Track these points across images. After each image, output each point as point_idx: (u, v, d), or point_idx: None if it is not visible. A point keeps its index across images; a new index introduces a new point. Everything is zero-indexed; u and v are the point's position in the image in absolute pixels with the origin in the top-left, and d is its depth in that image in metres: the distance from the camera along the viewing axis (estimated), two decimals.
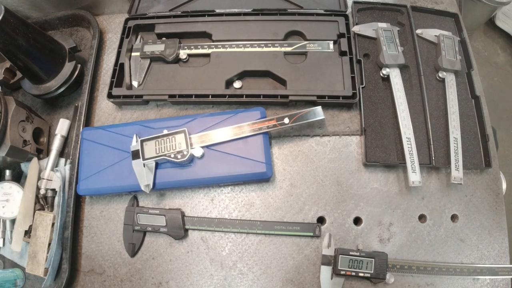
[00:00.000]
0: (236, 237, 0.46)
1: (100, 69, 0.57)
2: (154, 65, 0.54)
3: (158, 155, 0.44)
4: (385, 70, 0.50)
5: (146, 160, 0.44)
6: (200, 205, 0.47)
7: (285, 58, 0.52)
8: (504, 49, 1.81)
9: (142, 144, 0.45)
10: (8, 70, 0.54)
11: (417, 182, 0.44)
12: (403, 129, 0.46)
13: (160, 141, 0.44)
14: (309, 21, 0.54)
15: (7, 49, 0.45)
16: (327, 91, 0.48)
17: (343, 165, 0.48)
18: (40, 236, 0.46)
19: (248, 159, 0.44)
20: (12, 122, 0.46)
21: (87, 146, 0.48)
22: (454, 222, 0.46)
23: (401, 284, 0.43)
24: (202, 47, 0.53)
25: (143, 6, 0.58)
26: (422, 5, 0.58)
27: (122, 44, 0.54)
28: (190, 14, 0.56)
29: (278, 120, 0.45)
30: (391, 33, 0.52)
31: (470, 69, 0.52)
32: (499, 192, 0.47)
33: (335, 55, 0.51)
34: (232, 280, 0.44)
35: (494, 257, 0.45)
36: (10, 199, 0.48)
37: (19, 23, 0.44)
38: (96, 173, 0.46)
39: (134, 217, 0.46)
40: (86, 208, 0.49)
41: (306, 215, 0.46)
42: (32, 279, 0.48)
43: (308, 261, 0.44)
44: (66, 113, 0.55)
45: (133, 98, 0.51)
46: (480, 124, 0.49)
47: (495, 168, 0.48)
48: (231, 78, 0.51)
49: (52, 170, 0.49)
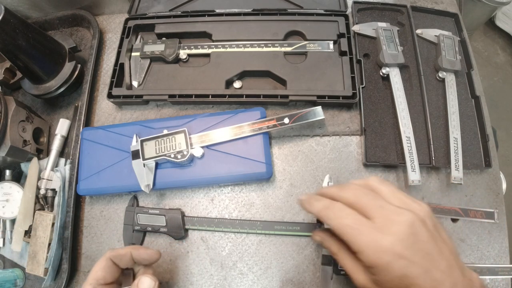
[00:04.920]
0: (236, 237, 0.46)
1: (100, 69, 0.57)
2: (154, 65, 0.54)
3: (158, 155, 0.44)
4: (384, 70, 0.50)
5: (146, 160, 0.44)
6: (200, 205, 0.47)
7: (285, 58, 0.52)
8: (504, 49, 1.81)
9: (142, 144, 0.45)
10: (8, 70, 0.54)
11: (416, 181, 0.44)
12: (403, 128, 0.46)
13: (160, 141, 0.44)
14: (309, 21, 0.54)
15: (7, 49, 0.45)
16: (327, 91, 0.48)
17: (343, 165, 0.48)
18: (40, 236, 0.46)
19: (248, 159, 0.44)
20: (12, 122, 0.46)
21: (87, 146, 0.48)
22: (454, 222, 0.46)
23: None
24: (202, 47, 0.53)
25: (143, 6, 0.58)
26: (422, 5, 0.58)
27: (122, 44, 0.54)
28: (190, 14, 0.56)
29: (278, 120, 0.45)
30: (391, 33, 0.52)
31: (470, 69, 0.52)
32: (499, 192, 0.47)
33: (335, 55, 0.52)
34: (232, 280, 0.44)
35: (494, 257, 0.45)
36: (10, 199, 0.48)
37: (19, 23, 0.44)
38: (96, 173, 0.46)
39: (134, 217, 0.46)
40: (86, 208, 0.49)
41: (306, 215, 0.46)
42: (32, 279, 0.48)
43: (308, 261, 0.44)
44: (66, 113, 0.55)
45: (133, 98, 0.51)
46: (480, 124, 0.49)
47: (495, 168, 0.48)
48: (231, 78, 0.51)
49: (52, 170, 0.49)
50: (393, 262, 0.27)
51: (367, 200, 0.30)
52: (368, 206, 0.30)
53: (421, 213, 0.29)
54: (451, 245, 0.30)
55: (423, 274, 0.27)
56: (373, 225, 0.29)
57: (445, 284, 0.28)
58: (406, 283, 0.28)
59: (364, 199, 0.30)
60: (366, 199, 0.30)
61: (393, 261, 0.27)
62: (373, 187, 0.32)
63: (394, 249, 0.27)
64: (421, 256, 0.28)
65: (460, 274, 0.29)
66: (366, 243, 0.28)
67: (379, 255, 0.28)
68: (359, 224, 0.29)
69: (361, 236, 0.29)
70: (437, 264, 0.28)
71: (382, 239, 0.28)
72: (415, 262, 0.27)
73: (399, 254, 0.27)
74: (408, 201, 0.31)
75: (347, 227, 0.29)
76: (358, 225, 0.29)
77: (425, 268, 0.27)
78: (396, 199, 0.31)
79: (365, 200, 0.30)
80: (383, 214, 0.29)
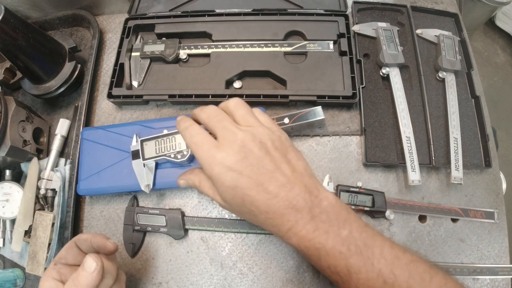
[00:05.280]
0: (236, 237, 0.46)
1: (100, 69, 0.57)
2: (154, 65, 0.54)
3: (158, 155, 0.44)
4: (384, 69, 0.50)
5: (146, 160, 0.44)
6: (200, 205, 0.47)
7: (285, 58, 0.52)
8: (504, 49, 1.81)
9: (142, 144, 0.45)
10: (8, 70, 0.54)
11: (416, 181, 0.44)
12: (403, 128, 0.46)
13: (160, 141, 0.44)
14: (309, 21, 0.54)
15: (7, 49, 0.45)
16: (327, 91, 0.48)
17: (343, 165, 0.48)
18: (40, 236, 0.46)
19: None
20: (12, 122, 0.46)
21: (87, 146, 0.48)
22: (454, 222, 0.46)
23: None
24: (202, 47, 0.53)
25: (143, 6, 0.58)
26: (422, 5, 0.58)
27: (122, 44, 0.54)
28: (190, 14, 0.56)
29: (278, 120, 0.45)
30: (391, 33, 0.52)
31: (470, 69, 0.52)
32: (499, 192, 0.47)
33: (335, 55, 0.52)
34: (232, 280, 0.44)
35: (494, 257, 0.45)
36: (10, 199, 0.48)
37: (19, 23, 0.44)
38: (96, 173, 0.46)
39: (134, 217, 0.46)
40: (86, 208, 0.49)
41: None
42: (32, 279, 0.48)
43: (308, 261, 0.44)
44: (66, 113, 0.55)
45: (133, 98, 0.51)
46: (480, 124, 0.49)
47: (495, 168, 0.48)
48: (231, 78, 0.51)
49: (52, 170, 0.49)
50: (224, 173, 0.31)
51: (216, 121, 0.34)
52: (215, 127, 0.33)
53: (259, 135, 0.32)
54: (300, 166, 0.33)
55: (255, 186, 0.31)
56: (214, 142, 0.33)
57: (280, 196, 0.31)
58: (240, 195, 0.31)
59: (213, 120, 0.34)
60: (215, 120, 0.34)
61: (224, 173, 0.31)
62: (229, 109, 0.35)
63: (224, 162, 0.31)
64: (251, 170, 0.31)
65: (304, 191, 0.31)
66: (205, 158, 0.32)
67: (212, 167, 0.32)
68: (204, 142, 0.33)
69: (202, 152, 0.32)
70: (271, 179, 0.31)
71: (216, 153, 0.32)
72: (244, 174, 0.31)
73: (228, 166, 0.31)
74: (253, 124, 0.34)
75: (194, 144, 0.33)
76: (203, 142, 0.33)
77: (257, 181, 0.31)
78: (243, 121, 0.34)
79: (214, 121, 0.34)
80: (224, 134, 0.33)
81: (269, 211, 0.31)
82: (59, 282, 0.32)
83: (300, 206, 0.31)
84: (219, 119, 0.34)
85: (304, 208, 0.31)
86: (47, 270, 0.34)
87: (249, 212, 0.32)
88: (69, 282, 0.31)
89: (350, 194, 0.45)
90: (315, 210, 0.31)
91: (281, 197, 0.31)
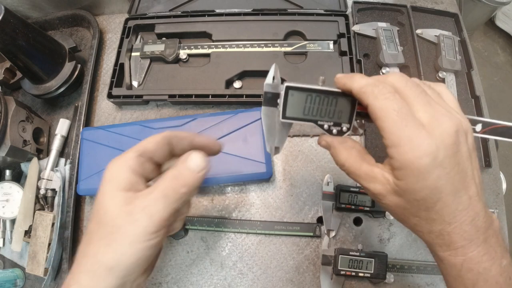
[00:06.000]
0: (236, 237, 0.46)
1: (100, 69, 0.57)
2: (154, 65, 0.54)
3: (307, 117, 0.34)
4: (384, 70, 0.50)
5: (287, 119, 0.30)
6: (200, 205, 0.47)
7: (285, 58, 0.52)
8: (504, 49, 1.81)
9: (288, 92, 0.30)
10: (8, 70, 0.54)
11: None
12: None
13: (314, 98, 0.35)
14: (309, 21, 0.54)
15: (7, 49, 0.45)
16: None
17: None
18: (40, 236, 0.46)
19: (248, 159, 0.44)
20: (12, 122, 0.46)
21: (87, 146, 0.48)
22: None
23: (401, 284, 0.43)
24: (202, 47, 0.53)
25: (143, 6, 0.58)
26: (422, 5, 0.58)
27: (122, 44, 0.54)
28: (190, 14, 0.56)
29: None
30: (391, 33, 0.52)
31: (470, 69, 0.52)
32: (499, 192, 0.47)
33: (335, 55, 0.52)
34: (232, 280, 0.44)
35: None
36: (10, 199, 0.48)
37: (19, 23, 0.44)
38: (96, 173, 0.46)
39: None
40: (86, 208, 0.49)
41: (306, 215, 0.46)
42: (32, 279, 0.48)
43: (308, 261, 0.44)
44: (66, 113, 0.55)
45: (133, 98, 0.51)
46: None
47: (495, 168, 0.48)
48: (231, 78, 0.51)
49: (52, 170, 0.49)
50: (431, 168, 0.23)
51: (414, 91, 0.25)
52: (416, 98, 0.25)
53: (465, 126, 0.25)
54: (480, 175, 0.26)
55: (454, 192, 0.24)
56: (419, 121, 0.24)
57: (469, 208, 0.24)
58: (433, 199, 0.24)
59: (411, 89, 0.25)
60: (413, 89, 0.25)
61: (432, 168, 0.23)
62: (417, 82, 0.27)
63: (436, 153, 0.23)
64: (456, 171, 0.24)
65: (483, 208, 0.25)
66: (409, 137, 0.23)
67: (419, 155, 0.23)
68: (405, 113, 0.24)
69: (405, 128, 0.23)
70: (467, 187, 0.24)
71: (426, 138, 0.23)
72: (450, 176, 0.23)
73: (440, 162, 0.23)
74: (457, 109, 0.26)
75: (393, 112, 0.24)
76: (404, 114, 0.24)
77: (457, 187, 0.24)
78: (441, 101, 0.26)
79: (412, 90, 0.25)
80: (430, 111, 0.24)
81: (452, 223, 0.25)
82: (139, 177, 0.26)
83: (479, 224, 0.25)
84: (419, 90, 0.25)
85: (481, 227, 0.25)
86: (122, 157, 0.27)
87: (426, 218, 0.25)
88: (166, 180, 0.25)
89: (350, 194, 0.45)
90: (488, 232, 0.25)
91: (469, 210, 0.24)
